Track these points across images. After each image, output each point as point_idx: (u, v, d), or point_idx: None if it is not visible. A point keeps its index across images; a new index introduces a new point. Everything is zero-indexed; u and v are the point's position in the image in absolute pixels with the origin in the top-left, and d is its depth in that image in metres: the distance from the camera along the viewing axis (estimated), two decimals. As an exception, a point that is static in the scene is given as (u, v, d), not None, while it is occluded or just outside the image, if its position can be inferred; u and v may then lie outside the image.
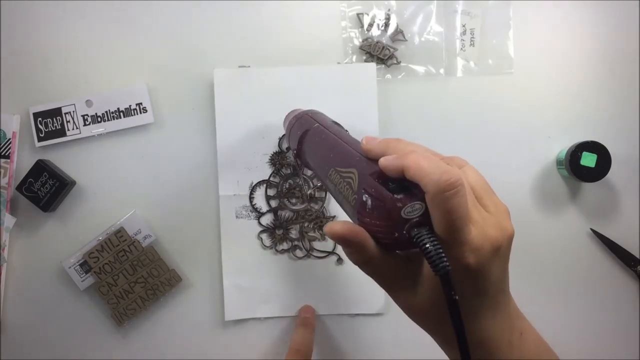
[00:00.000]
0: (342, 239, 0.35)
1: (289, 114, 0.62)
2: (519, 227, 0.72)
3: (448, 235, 0.32)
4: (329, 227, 0.35)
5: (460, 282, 0.32)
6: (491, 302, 0.36)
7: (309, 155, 0.52)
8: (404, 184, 0.34)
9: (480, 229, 0.33)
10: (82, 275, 0.68)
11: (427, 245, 0.31)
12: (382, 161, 0.35)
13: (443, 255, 0.31)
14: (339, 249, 0.69)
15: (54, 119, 0.68)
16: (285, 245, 0.69)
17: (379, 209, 0.34)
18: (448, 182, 0.31)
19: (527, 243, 0.71)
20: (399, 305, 0.38)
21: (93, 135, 0.69)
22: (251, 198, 0.69)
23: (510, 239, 0.36)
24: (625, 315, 0.71)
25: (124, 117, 0.69)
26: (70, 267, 0.68)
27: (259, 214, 0.69)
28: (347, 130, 0.52)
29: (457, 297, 0.31)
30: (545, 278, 0.71)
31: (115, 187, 0.69)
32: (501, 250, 0.34)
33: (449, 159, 0.39)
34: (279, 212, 0.69)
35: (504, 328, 0.37)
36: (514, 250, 0.73)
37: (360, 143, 0.40)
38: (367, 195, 0.35)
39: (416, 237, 0.32)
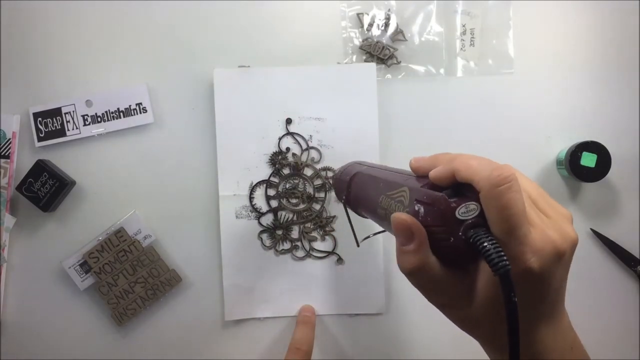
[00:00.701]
0: (408, 228, 0.33)
1: (336, 171, 0.62)
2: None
3: (506, 233, 0.30)
4: (397, 215, 0.34)
5: (521, 287, 0.30)
6: (549, 311, 0.34)
7: (358, 195, 0.51)
8: (457, 189, 0.33)
9: (540, 231, 0.32)
10: (82, 275, 0.68)
11: (485, 244, 0.30)
12: (432, 173, 0.35)
13: (503, 254, 0.30)
14: (339, 249, 0.69)
15: (54, 119, 0.68)
16: (285, 246, 0.69)
17: (433, 213, 0.33)
18: (501, 176, 0.30)
19: (527, 243, 0.71)
20: (450, 319, 0.36)
21: (93, 135, 0.69)
22: (251, 198, 0.69)
23: (574, 245, 0.34)
24: (625, 315, 0.71)
25: (124, 117, 0.69)
26: (70, 267, 0.68)
27: (259, 214, 0.69)
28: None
29: (516, 299, 0.29)
30: (545, 278, 0.71)
31: (115, 187, 0.69)
32: (565, 257, 0.33)
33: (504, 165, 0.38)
34: (279, 212, 0.69)
35: (559, 340, 0.36)
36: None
37: (408, 170, 0.40)
38: (419, 204, 0.34)
39: (473, 237, 0.31)
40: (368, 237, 0.54)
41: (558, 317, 0.36)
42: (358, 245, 0.57)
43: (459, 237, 0.32)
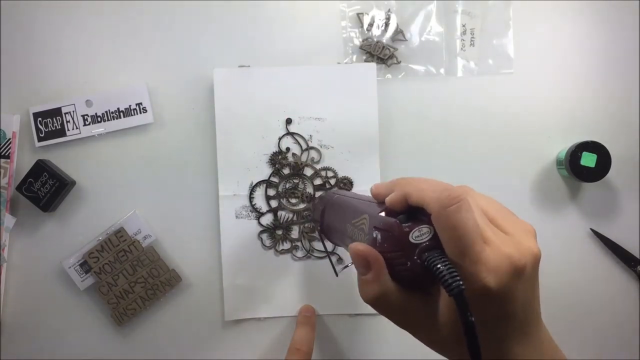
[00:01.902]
0: (364, 258, 0.34)
1: (313, 199, 0.64)
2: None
3: (459, 254, 0.31)
4: (354, 245, 0.35)
5: (482, 306, 0.31)
6: (520, 328, 0.34)
7: (330, 224, 0.52)
8: (411, 214, 0.34)
9: (496, 248, 0.31)
10: (82, 275, 0.68)
11: (439, 266, 0.30)
12: (388, 198, 0.35)
13: (456, 274, 0.30)
14: (339, 249, 0.69)
15: (54, 119, 0.68)
16: (285, 246, 0.69)
17: (389, 239, 0.34)
18: (449, 197, 0.30)
19: (527, 243, 0.71)
20: (421, 341, 0.36)
21: (93, 135, 0.69)
22: (251, 198, 0.69)
23: (535, 259, 0.33)
24: (625, 315, 0.71)
25: (124, 117, 0.69)
26: (70, 267, 0.68)
27: (259, 214, 0.69)
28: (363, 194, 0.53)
29: (473, 319, 0.29)
30: (545, 278, 0.71)
31: (115, 187, 0.69)
32: (525, 272, 0.32)
33: (454, 186, 0.38)
34: (279, 212, 0.69)
35: (535, 356, 0.35)
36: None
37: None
38: (377, 231, 0.35)
39: (427, 260, 0.31)
40: (347, 266, 0.54)
41: (532, 333, 0.35)
42: (337, 275, 0.59)
43: (415, 260, 0.32)
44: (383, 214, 0.36)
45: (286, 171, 0.69)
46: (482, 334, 0.29)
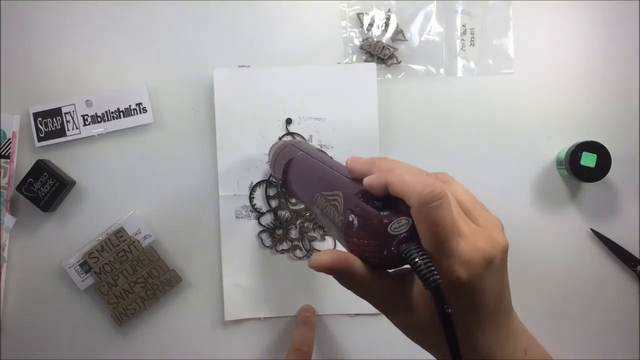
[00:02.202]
0: (329, 270, 0.34)
1: (272, 146, 0.63)
2: (519, 227, 0.73)
3: (435, 248, 0.31)
4: (314, 259, 0.35)
5: (454, 297, 0.31)
6: (490, 318, 0.35)
7: (294, 183, 0.52)
8: (389, 201, 0.34)
9: (469, 241, 0.33)
10: (82, 275, 0.68)
11: (417, 260, 0.31)
12: (366, 180, 0.35)
13: (433, 268, 0.30)
14: (339, 249, 0.69)
15: (54, 119, 0.68)
16: (285, 245, 0.69)
17: (366, 228, 0.33)
18: (431, 193, 0.31)
19: (527, 243, 0.71)
20: (396, 325, 0.37)
21: (93, 135, 0.69)
22: (251, 198, 0.69)
23: (503, 251, 0.35)
24: (625, 315, 0.71)
25: (124, 117, 0.69)
26: (70, 267, 0.68)
27: (259, 214, 0.69)
28: (331, 157, 0.52)
29: (449, 311, 0.30)
30: (545, 278, 0.71)
31: (115, 187, 0.69)
32: (495, 264, 0.33)
33: (434, 175, 0.38)
34: (279, 212, 0.69)
35: (506, 345, 0.36)
36: (514, 251, 0.73)
37: (345, 167, 0.40)
38: (353, 215, 0.34)
39: (405, 252, 0.32)
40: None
41: (503, 322, 0.36)
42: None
43: (392, 251, 0.33)
44: (360, 196, 0.35)
45: (286, 171, 0.69)
46: (455, 325, 0.31)
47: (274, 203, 0.69)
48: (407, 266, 0.32)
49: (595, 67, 0.71)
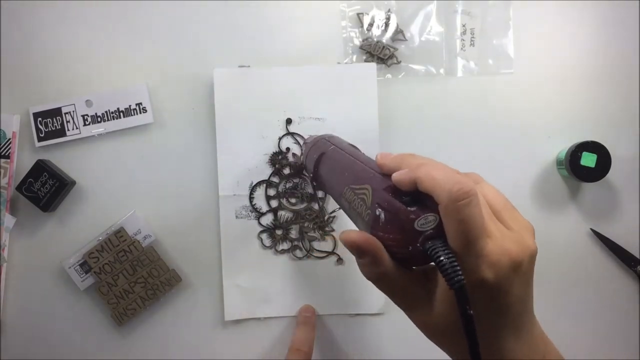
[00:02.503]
0: (357, 248, 0.34)
1: (307, 138, 0.63)
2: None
3: (463, 247, 0.31)
4: (345, 234, 0.34)
5: (479, 299, 0.31)
6: (513, 322, 0.34)
7: (325, 177, 0.52)
8: (417, 197, 0.34)
9: (497, 243, 0.32)
10: (82, 275, 0.68)
11: (442, 258, 0.31)
12: (395, 175, 0.35)
13: (458, 268, 0.30)
14: (339, 249, 0.69)
15: (54, 119, 0.68)
16: (285, 246, 0.69)
17: (393, 222, 0.33)
18: (460, 191, 0.30)
19: (527, 243, 0.71)
20: (415, 323, 0.37)
21: (93, 135, 0.69)
22: (251, 198, 0.69)
23: (532, 256, 0.34)
24: (625, 315, 0.71)
25: (124, 117, 0.69)
26: (70, 267, 0.68)
27: (259, 214, 0.69)
28: (363, 153, 0.52)
29: (472, 312, 0.30)
30: (545, 278, 0.71)
31: (115, 187, 0.69)
32: (522, 268, 0.33)
33: (464, 174, 0.37)
34: (279, 212, 0.69)
35: (528, 350, 0.36)
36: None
37: (375, 162, 0.40)
38: (380, 209, 0.34)
39: (430, 249, 0.31)
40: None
41: (526, 327, 0.36)
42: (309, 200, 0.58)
43: (417, 247, 0.32)
44: (388, 191, 0.35)
45: (286, 171, 0.69)
46: (477, 327, 0.30)
47: (274, 203, 0.69)
48: (432, 264, 0.32)
49: (595, 67, 0.71)
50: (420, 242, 0.32)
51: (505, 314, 0.34)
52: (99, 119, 0.69)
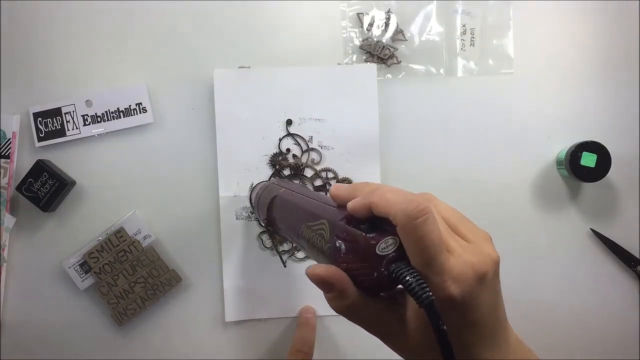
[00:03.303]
0: (323, 281, 0.34)
1: (252, 188, 0.64)
2: (519, 227, 0.73)
3: (425, 265, 0.31)
4: (310, 269, 0.34)
5: (449, 314, 0.31)
6: (488, 333, 0.34)
7: (279, 220, 0.52)
8: (375, 223, 0.34)
9: (459, 257, 0.32)
10: (82, 275, 0.68)
11: (408, 278, 0.31)
12: (350, 204, 0.35)
13: (425, 285, 0.30)
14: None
15: (54, 119, 0.68)
16: (285, 247, 0.69)
17: (354, 251, 0.33)
18: (416, 209, 0.30)
19: (527, 243, 0.71)
20: (393, 349, 0.37)
21: (93, 135, 0.69)
22: (251, 199, 0.69)
23: (495, 264, 0.34)
24: (625, 315, 0.71)
25: (124, 117, 0.69)
26: (70, 267, 0.68)
27: (259, 214, 0.69)
28: (313, 190, 0.52)
29: (445, 327, 0.30)
30: (546, 278, 0.71)
31: (115, 187, 0.69)
32: (487, 278, 0.33)
33: (418, 194, 0.37)
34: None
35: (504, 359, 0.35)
36: (514, 251, 0.74)
37: (328, 197, 0.40)
38: (339, 241, 0.34)
39: (395, 272, 0.31)
40: (292, 255, 0.52)
41: (499, 337, 0.35)
42: (285, 266, 0.59)
43: (382, 272, 0.32)
44: (345, 221, 0.35)
45: (286, 172, 0.69)
46: (452, 342, 0.30)
47: (274, 203, 0.69)
48: (400, 288, 0.32)
49: (595, 67, 0.71)
50: (384, 266, 0.32)
51: (478, 327, 0.34)
52: (99, 119, 0.69)
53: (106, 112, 0.69)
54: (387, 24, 0.70)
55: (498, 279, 0.35)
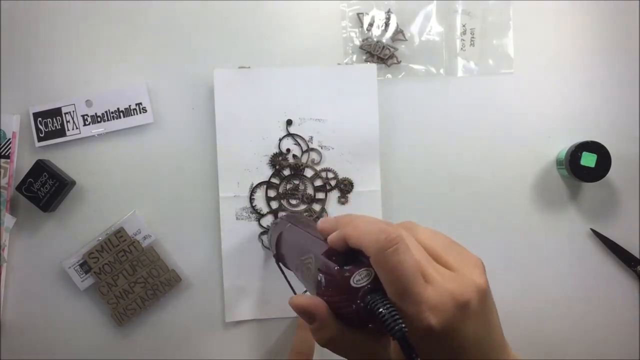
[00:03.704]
0: (303, 311, 0.34)
1: (271, 224, 0.65)
2: (519, 227, 0.73)
3: (399, 296, 0.30)
4: (293, 299, 0.35)
5: (429, 346, 0.30)
6: None
7: (285, 255, 0.52)
8: (352, 255, 0.34)
9: (438, 286, 0.31)
10: (82, 275, 0.68)
11: (380, 310, 0.30)
12: (329, 238, 0.35)
13: (397, 316, 0.30)
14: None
15: (54, 119, 0.68)
16: (285, 247, 0.69)
17: (332, 284, 0.34)
18: (387, 239, 0.30)
19: (527, 243, 0.71)
20: None
21: (93, 135, 0.69)
22: (251, 199, 0.69)
23: (480, 292, 0.33)
24: (625, 315, 0.71)
25: (124, 117, 0.69)
26: (70, 267, 0.68)
27: (260, 216, 0.69)
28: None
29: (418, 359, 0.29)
30: (545, 278, 0.71)
31: (115, 187, 0.69)
32: (471, 307, 0.32)
33: (397, 224, 0.37)
34: (280, 214, 0.69)
35: None
36: (514, 251, 0.73)
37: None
38: (321, 274, 0.35)
39: (370, 303, 0.31)
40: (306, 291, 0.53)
41: None
42: (294, 293, 0.58)
43: (358, 304, 0.32)
44: (326, 254, 0.35)
45: (286, 172, 0.69)
46: None
47: (274, 204, 0.69)
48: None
49: (595, 67, 0.71)
50: (360, 298, 0.32)
51: (465, 356, 0.32)
52: (99, 119, 0.69)
53: (106, 112, 0.69)
54: (387, 24, 0.70)
55: (487, 306, 0.33)
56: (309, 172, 0.69)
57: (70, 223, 0.69)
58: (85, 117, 0.68)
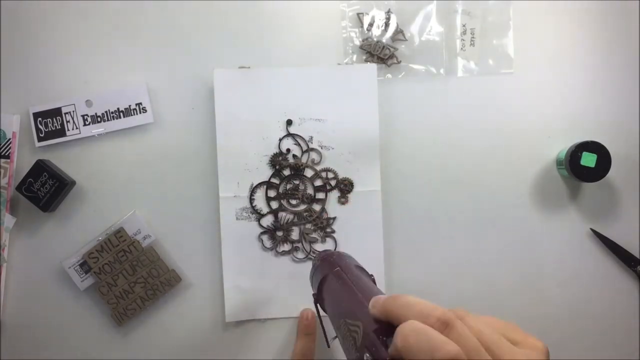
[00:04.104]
0: None
1: (318, 253, 0.60)
2: (519, 227, 0.73)
3: None
4: None
5: None
6: None
7: (327, 300, 0.49)
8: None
9: None
10: (82, 275, 0.68)
11: None
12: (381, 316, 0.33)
13: None
14: (340, 250, 0.69)
15: (54, 119, 0.68)
16: (286, 247, 0.69)
17: None
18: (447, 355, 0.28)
19: (527, 243, 0.71)
20: None
21: (93, 135, 0.69)
22: (251, 199, 0.69)
23: None
24: (625, 315, 0.71)
25: (124, 117, 0.69)
26: (70, 267, 0.68)
27: (260, 216, 0.69)
28: (371, 275, 0.49)
29: None
30: (545, 278, 0.71)
31: (115, 187, 0.69)
32: None
33: (451, 311, 0.33)
34: (280, 214, 0.69)
35: None
36: (514, 251, 0.73)
37: (375, 289, 0.38)
38: (368, 354, 0.33)
39: None
40: (336, 337, 0.51)
41: None
42: (329, 346, 0.55)
43: None
44: (378, 334, 0.33)
45: (287, 172, 0.69)
46: None
47: (274, 204, 0.69)
48: None
49: (595, 67, 0.71)
50: None
51: None
52: (99, 119, 0.69)
53: (106, 112, 0.69)
54: (387, 24, 0.70)
55: None
56: (309, 172, 0.69)
57: (70, 223, 0.69)
58: (85, 117, 0.68)
